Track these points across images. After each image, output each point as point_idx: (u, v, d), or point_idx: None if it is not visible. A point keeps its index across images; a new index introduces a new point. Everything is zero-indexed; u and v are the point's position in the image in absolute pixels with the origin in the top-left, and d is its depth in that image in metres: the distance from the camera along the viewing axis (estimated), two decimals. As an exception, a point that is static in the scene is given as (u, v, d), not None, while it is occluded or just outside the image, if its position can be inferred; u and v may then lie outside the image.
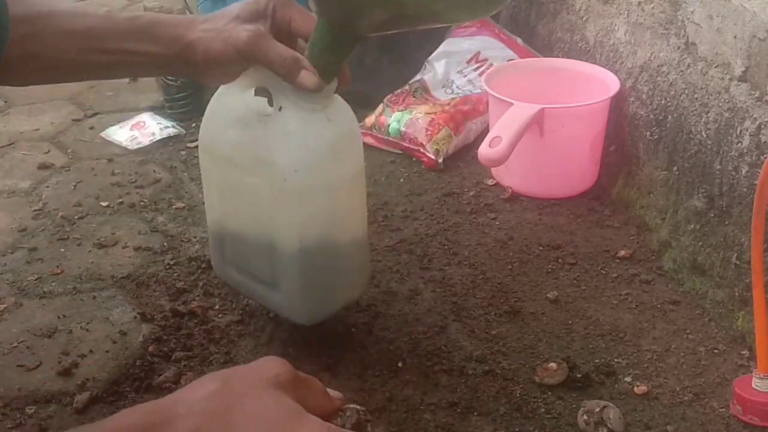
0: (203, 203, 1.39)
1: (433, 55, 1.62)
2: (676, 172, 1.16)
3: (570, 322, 1.07)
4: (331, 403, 0.57)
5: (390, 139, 1.52)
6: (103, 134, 1.68)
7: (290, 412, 0.50)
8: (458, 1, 0.78)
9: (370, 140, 1.55)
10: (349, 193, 0.97)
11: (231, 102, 0.97)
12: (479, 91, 1.53)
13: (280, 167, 0.91)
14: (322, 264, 0.96)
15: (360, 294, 1.05)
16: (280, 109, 0.90)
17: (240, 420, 0.48)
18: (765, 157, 0.94)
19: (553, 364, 0.97)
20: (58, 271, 1.23)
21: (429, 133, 1.46)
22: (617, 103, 1.32)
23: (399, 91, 1.58)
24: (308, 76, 0.86)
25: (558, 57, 1.55)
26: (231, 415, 0.48)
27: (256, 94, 0.97)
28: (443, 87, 1.58)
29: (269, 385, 0.50)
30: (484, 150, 1.23)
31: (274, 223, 0.95)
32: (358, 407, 0.66)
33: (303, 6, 0.93)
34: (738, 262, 1.01)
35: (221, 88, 0.98)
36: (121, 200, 1.43)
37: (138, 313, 1.11)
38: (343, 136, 0.94)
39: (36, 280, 1.21)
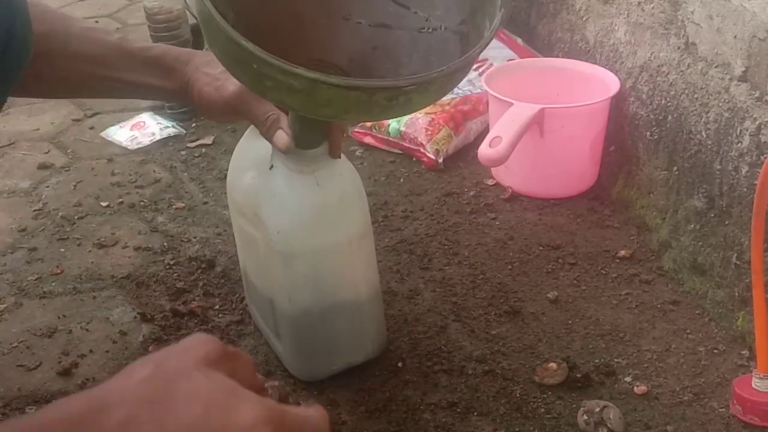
0: (203, 203, 1.40)
1: (433, 55, 1.61)
2: (676, 172, 1.16)
3: (570, 322, 1.07)
4: (259, 379, 0.56)
5: (390, 139, 1.52)
6: (103, 134, 1.68)
7: (226, 389, 0.49)
8: (344, 111, 0.76)
9: (370, 140, 1.55)
10: (345, 258, 0.93)
11: (253, 145, 0.96)
12: (479, 91, 1.53)
13: (267, 227, 0.90)
14: (315, 327, 0.94)
15: (368, 356, 0.99)
16: (271, 167, 0.90)
17: (175, 403, 0.47)
18: (765, 157, 0.94)
19: (553, 364, 0.97)
20: (58, 271, 1.23)
21: (429, 133, 1.46)
22: (617, 103, 1.32)
23: (399, 91, 1.57)
24: (280, 136, 0.87)
25: (558, 57, 1.55)
26: (166, 400, 0.47)
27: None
28: (443, 87, 1.57)
29: (201, 364, 0.49)
30: (484, 150, 1.23)
31: (268, 279, 0.95)
32: (277, 383, 0.67)
33: None
34: (738, 262, 1.01)
35: (246, 133, 1.00)
36: (121, 200, 1.43)
37: (138, 313, 1.11)
38: (335, 202, 0.91)
39: (36, 280, 1.21)
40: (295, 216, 0.90)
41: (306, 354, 0.97)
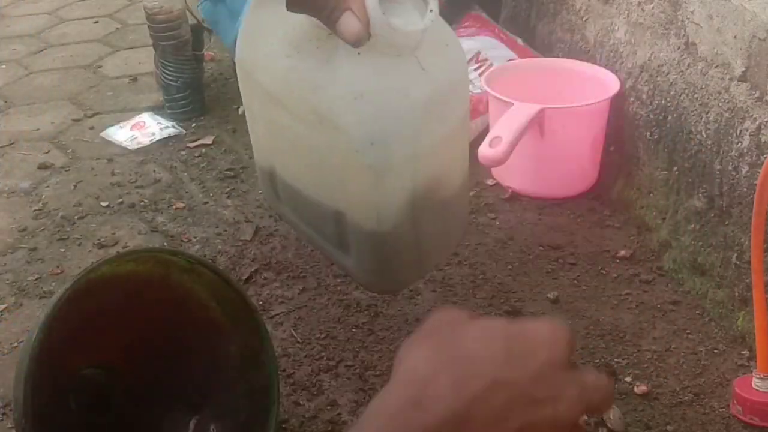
0: (203, 203, 1.40)
1: (433, 55, 1.61)
2: (676, 172, 1.16)
3: (570, 322, 1.07)
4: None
5: (390, 139, 1.51)
6: (103, 134, 1.68)
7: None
8: None
9: (370, 140, 1.54)
10: (447, 153, 0.74)
11: (276, 13, 0.69)
12: (479, 91, 1.53)
13: (350, 136, 0.68)
14: (404, 239, 0.75)
15: (451, 253, 0.84)
16: (358, 53, 0.64)
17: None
18: (765, 157, 0.94)
19: (553, 364, 0.96)
20: (58, 271, 1.23)
21: (429, 133, 1.46)
22: (617, 103, 1.31)
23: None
24: (349, 21, 0.61)
25: (558, 57, 1.55)
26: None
27: (289, 7, 0.66)
28: (443, 87, 1.57)
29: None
30: (484, 150, 1.23)
31: (343, 192, 0.74)
32: None
33: None
34: (738, 262, 1.01)
35: None
36: (121, 200, 1.43)
37: (138, 313, 1.11)
38: (445, 88, 0.69)
39: (36, 280, 1.21)
40: (396, 120, 0.68)
41: (391, 271, 0.79)
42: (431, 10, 0.64)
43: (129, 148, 1.62)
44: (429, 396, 0.43)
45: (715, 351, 1.01)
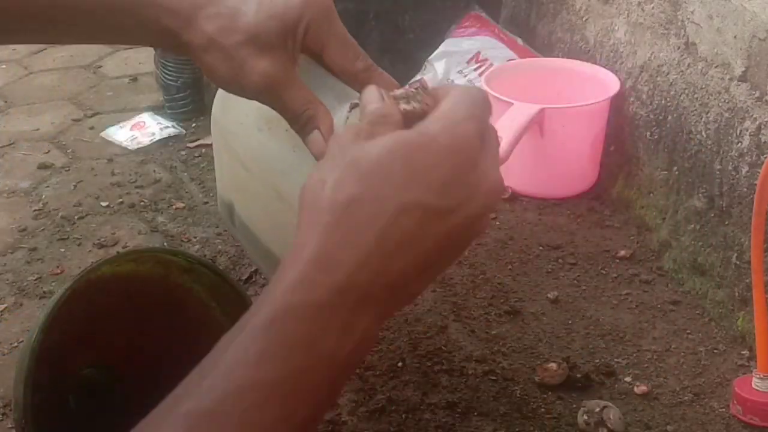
0: (204, 203, 1.40)
1: (433, 55, 1.61)
2: (676, 172, 1.16)
3: (570, 322, 1.07)
4: None
5: (390, 139, 1.51)
6: (103, 134, 1.68)
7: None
8: None
9: (370, 140, 1.54)
10: None
11: None
12: (479, 91, 1.52)
13: None
14: None
15: None
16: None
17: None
18: (765, 157, 0.94)
19: (553, 364, 0.97)
20: (58, 271, 1.23)
21: (429, 133, 1.46)
22: (617, 103, 1.31)
23: (399, 91, 1.57)
24: (316, 141, 0.66)
25: (558, 57, 1.55)
26: None
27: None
28: (443, 87, 1.57)
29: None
30: (484, 150, 1.23)
31: (283, 247, 0.79)
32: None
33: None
34: (738, 262, 1.01)
35: None
36: (121, 200, 1.43)
37: (138, 313, 1.11)
38: None
39: (36, 280, 1.21)
40: None
41: None
42: None
43: (129, 148, 1.62)
44: (332, 243, 0.45)
45: (715, 351, 1.01)
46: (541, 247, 1.23)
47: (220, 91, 0.81)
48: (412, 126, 0.51)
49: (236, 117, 0.79)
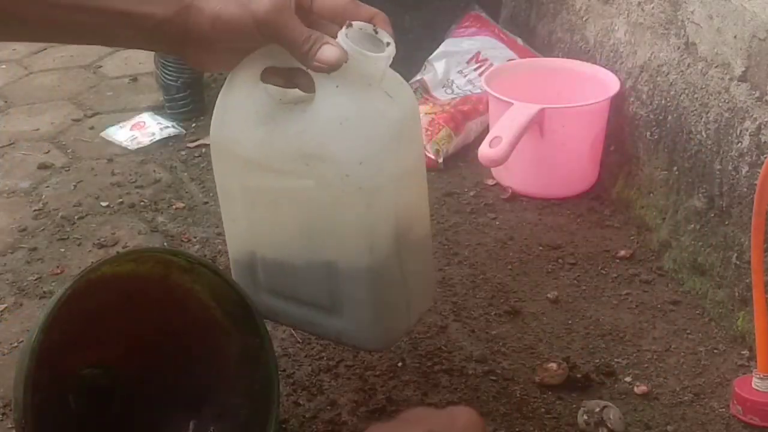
0: (204, 203, 1.40)
1: (433, 55, 1.62)
2: (676, 172, 1.16)
3: (570, 322, 1.07)
4: None
5: (390, 139, 1.51)
6: (103, 134, 1.68)
7: None
8: None
9: (370, 140, 1.54)
10: (420, 183, 0.83)
11: (246, 94, 0.79)
12: (479, 91, 1.53)
13: (339, 162, 0.74)
14: (395, 276, 0.81)
15: (433, 300, 0.92)
16: (337, 86, 0.73)
17: None
18: (765, 157, 0.94)
19: (553, 364, 0.97)
20: (58, 271, 1.23)
21: (429, 133, 1.46)
22: (617, 103, 1.32)
23: (399, 91, 1.57)
24: (328, 50, 0.71)
25: (558, 57, 1.55)
26: None
27: (264, 78, 0.77)
28: (443, 87, 1.58)
29: None
30: (484, 150, 1.23)
31: (333, 234, 0.79)
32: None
33: None
34: (738, 262, 1.01)
35: (229, 80, 0.80)
36: (121, 200, 1.43)
37: (138, 313, 1.11)
38: (410, 114, 0.79)
39: (36, 280, 1.21)
40: (379, 140, 0.75)
41: (382, 314, 0.82)
42: (389, 43, 0.74)
43: (129, 148, 1.62)
44: None
45: (715, 351, 1.01)
46: (541, 247, 1.23)
47: (215, 116, 0.83)
48: None
49: (237, 128, 0.81)
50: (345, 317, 0.82)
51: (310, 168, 0.76)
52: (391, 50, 0.74)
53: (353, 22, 0.74)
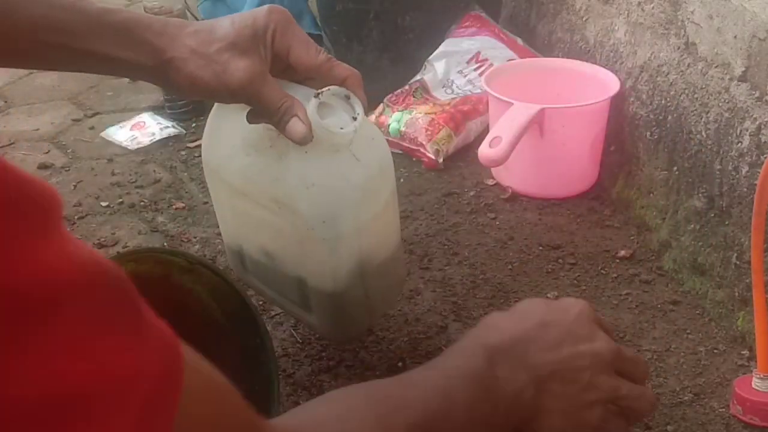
0: (204, 203, 1.40)
1: (433, 55, 1.62)
2: (676, 172, 1.16)
3: (570, 322, 1.07)
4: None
5: (390, 139, 1.51)
6: (103, 134, 1.68)
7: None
8: None
9: (370, 140, 1.55)
10: (383, 221, 0.89)
11: (234, 121, 0.85)
12: (479, 91, 1.53)
13: (304, 218, 0.83)
14: (357, 295, 0.90)
15: (396, 304, 1.00)
16: (306, 152, 0.80)
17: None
18: (765, 157, 0.94)
19: (553, 364, 0.96)
20: (58, 271, 1.23)
21: (429, 133, 1.46)
22: (617, 103, 1.32)
23: (399, 91, 1.58)
24: (296, 126, 0.77)
25: (558, 57, 1.55)
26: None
27: (249, 120, 0.83)
28: (443, 87, 1.58)
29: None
30: (484, 150, 1.23)
31: (302, 261, 0.88)
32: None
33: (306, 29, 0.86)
34: (738, 262, 1.01)
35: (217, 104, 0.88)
36: (121, 200, 1.43)
37: (138, 313, 1.11)
38: (374, 174, 0.85)
39: (36, 280, 1.21)
40: (341, 201, 0.83)
41: (346, 322, 0.93)
42: (358, 114, 0.80)
43: (129, 148, 1.62)
44: (499, 326, 0.70)
45: (715, 351, 1.01)
46: (541, 247, 1.23)
47: (205, 138, 0.94)
48: None
49: (224, 151, 0.90)
50: (315, 316, 0.93)
51: (281, 211, 0.85)
52: (358, 122, 0.80)
53: (324, 90, 0.79)
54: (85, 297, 0.35)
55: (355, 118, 0.80)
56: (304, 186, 0.81)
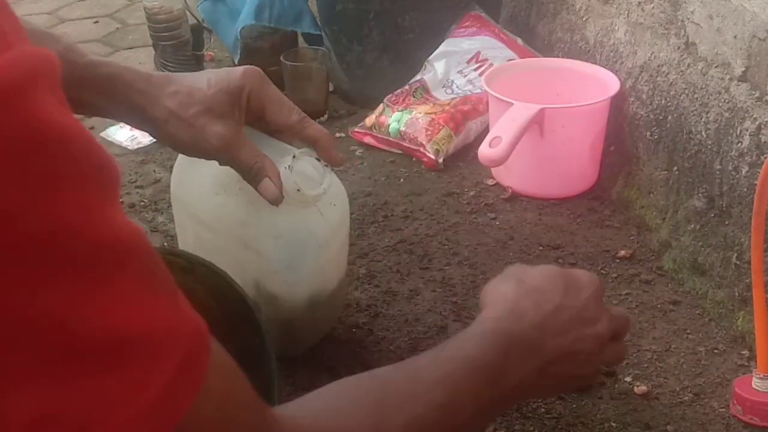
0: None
1: (433, 55, 1.62)
2: (676, 172, 1.16)
3: (570, 322, 1.07)
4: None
5: (390, 139, 1.51)
6: (103, 134, 1.68)
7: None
8: None
9: (370, 140, 1.54)
10: (336, 261, 0.98)
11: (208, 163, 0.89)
12: (479, 91, 1.53)
13: (270, 261, 0.90)
14: (306, 322, 0.97)
15: (335, 323, 1.06)
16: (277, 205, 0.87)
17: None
18: (765, 157, 0.94)
19: (553, 364, 0.96)
20: (58, 271, 1.23)
21: (429, 133, 1.46)
22: (617, 103, 1.32)
23: (399, 91, 1.58)
24: (267, 187, 0.83)
25: (558, 57, 1.55)
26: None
27: (221, 162, 0.87)
28: (443, 87, 1.58)
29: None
30: (484, 150, 1.23)
31: (258, 293, 0.94)
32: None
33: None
34: (738, 262, 1.01)
35: None
36: (121, 200, 1.42)
37: (138, 313, 1.11)
38: (335, 227, 0.94)
39: (36, 280, 1.21)
40: (305, 251, 0.91)
41: (296, 342, 1.00)
42: (326, 176, 0.88)
43: (129, 148, 1.62)
44: (519, 310, 0.72)
45: (715, 351, 1.01)
46: (541, 247, 1.23)
47: (176, 170, 0.98)
48: None
49: (194, 188, 0.94)
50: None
51: (246, 251, 0.91)
52: (326, 184, 0.88)
53: (297, 154, 0.86)
54: (141, 259, 0.42)
55: (322, 181, 0.88)
56: (272, 236, 0.89)
